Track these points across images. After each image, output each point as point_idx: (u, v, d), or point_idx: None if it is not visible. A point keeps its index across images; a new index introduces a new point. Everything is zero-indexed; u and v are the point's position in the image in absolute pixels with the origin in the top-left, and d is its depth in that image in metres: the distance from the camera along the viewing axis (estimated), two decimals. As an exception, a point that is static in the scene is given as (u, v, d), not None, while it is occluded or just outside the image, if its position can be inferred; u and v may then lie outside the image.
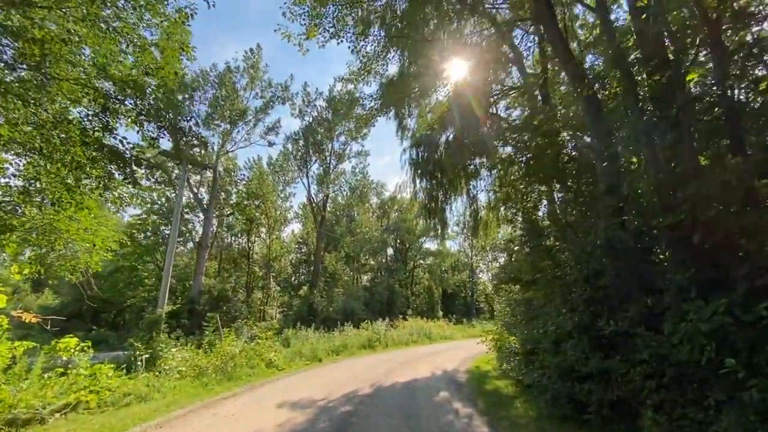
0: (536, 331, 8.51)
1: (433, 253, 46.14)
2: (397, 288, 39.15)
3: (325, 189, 31.74)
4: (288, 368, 12.39)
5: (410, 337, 22.50)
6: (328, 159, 32.29)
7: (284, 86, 27.29)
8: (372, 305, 35.22)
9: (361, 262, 42.38)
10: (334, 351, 16.53)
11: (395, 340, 20.82)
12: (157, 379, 9.33)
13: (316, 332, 20.52)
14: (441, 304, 44.38)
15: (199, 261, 25.12)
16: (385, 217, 41.69)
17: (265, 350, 12.62)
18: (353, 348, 17.44)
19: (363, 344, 18.23)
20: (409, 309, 39.11)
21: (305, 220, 37.94)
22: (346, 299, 34.64)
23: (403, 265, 43.40)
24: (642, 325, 5.58)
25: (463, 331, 31.32)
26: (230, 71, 26.03)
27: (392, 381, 10.60)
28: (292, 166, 32.28)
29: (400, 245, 44.04)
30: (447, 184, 18.01)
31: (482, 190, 18.30)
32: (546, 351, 7.51)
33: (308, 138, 30.23)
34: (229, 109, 26.30)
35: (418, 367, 13.17)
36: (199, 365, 10.87)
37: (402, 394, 8.98)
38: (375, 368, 12.73)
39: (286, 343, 18.49)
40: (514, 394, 8.72)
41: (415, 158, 18.59)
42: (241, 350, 11.76)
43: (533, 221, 11.44)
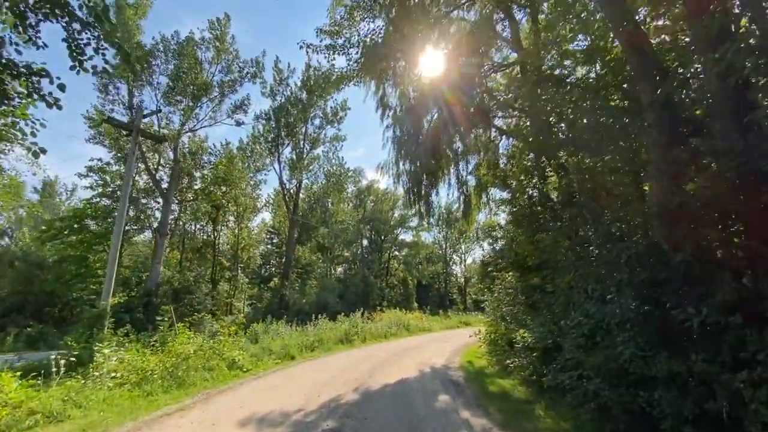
0: (554, 323, 6.99)
1: (408, 245, 44.75)
2: (373, 280, 37.44)
3: (299, 175, 29.45)
4: (255, 369, 10.39)
5: (389, 329, 20.85)
6: (302, 143, 29.97)
7: (255, 61, 24.73)
8: (347, 297, 33.37)
9: (335, 253, 40.34)
10: (308, 347, 14.60)
11: (373, 333, 19.11)
12: (83, 390, 7.14)
13: (288, 326, 18.52)
14: (416, 296, 43.08)
15: (157, 249, 22.40)
16: (362, 207, 39.78)
17: (227, 349, 10.54)
18: (329, 343, 15.56)
19: (340, 339, 16.39)
20: (385, 301, 37.52)
21: (277, 208, 35.43)
22: (319, 291, 32.60)
23: (378, 256, 41.73)
24: (737, 314, 4.07)
25: (440, 323, 30.06)
26: (193, 41, 23.25)
27: (380, 382, 8.84)
28: (263, 150, 29.70)
29: (375, 236, 42.31)
30: (434, 165, 16.36)
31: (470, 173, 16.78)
32: (578, 347, 5.96)
33: (280, 119, 27.80)
34: (191, 83, 23.53)
35: (404, 364, 11.49)
36: (143, 368, 8.69)
37: (395, 401, 7.24)
38: (357, 366, 10.94)
39: (254, 339, 16.43)
40: (529, 398, 7.16)
41: (399, 135, 16.83)
42: (197, 349, 9.64)
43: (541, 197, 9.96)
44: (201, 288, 25.02)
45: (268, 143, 28.82)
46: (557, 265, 7.56)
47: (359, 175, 39.08)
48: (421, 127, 16.83)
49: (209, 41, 23.97)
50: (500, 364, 10.19)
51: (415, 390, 8.16)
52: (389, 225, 42.03)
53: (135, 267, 27.25)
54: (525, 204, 10.31)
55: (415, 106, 16.94)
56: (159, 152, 24.13)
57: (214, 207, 30.07)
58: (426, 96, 16.80)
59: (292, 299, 28.93)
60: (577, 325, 6.00)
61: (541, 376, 6.94)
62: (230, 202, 30.40)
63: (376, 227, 41.08)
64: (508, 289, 10.98)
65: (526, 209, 10.17)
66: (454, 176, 16.62)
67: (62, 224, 24.63)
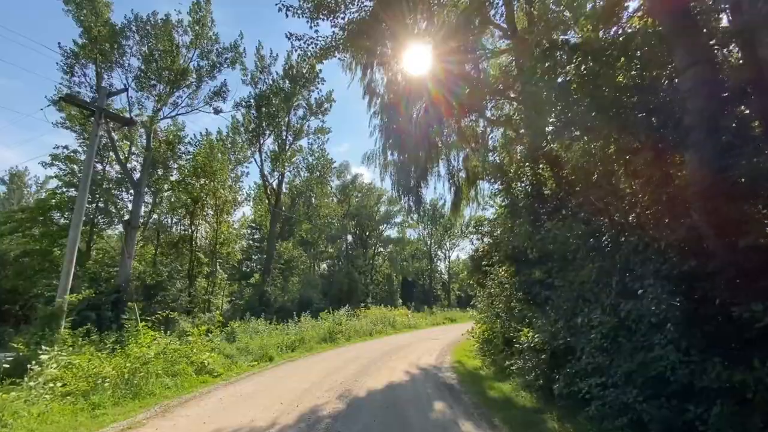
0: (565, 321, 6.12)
1: (393, 241, 43.85)
2: (357, 276, 36.39)
3: (281, 167, 28.08)
4: (227, 373, 9.24)
5: (374, 327, 19.89)
6: (284, 134, 28.60)
7: (233, 46, 23.22)
8: (331, 294, 32.25)
9: (319, 248, 39.07)
10: (288, 346, 13.49)
11: (358, 330, 18.10)
12: (12, 403, 5.90)
13: (268, 324, 17.36)
14: (401, 292, 42.30)
15: (128, 243, 20.80)
16: (346, 202, 38.61)
17: (196, 351, 9.35)
18: (312, 342, 14.48)
19: (323, 337, 15.32)
20: (369, 297, 36.59)
21: (258, 202, 33.93)
22: (302, 288, 31.38)
23: (363, 252, 40.69)
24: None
25: (425, 319, 29.29)
26: (169, 23, 21.64)
27: (366, 388, 7.84)
28: (243, 142, 28.22)
29: (360, 232, 41.26)
30: (423, 156, 15.42)
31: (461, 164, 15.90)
32: (598, 349, 5.09)
33: (261, 108, 26.37)
34: (167, 67, 21.94)
35: (393, 365, 10.52)
36: (96, 375, 7.46)
37: (385, 411, 6.25)
38: (341, 369, 9.91)
39: (230, 338, 15.23)
40: (536, 406, 6.28)
41: (387, 122, 15.83)
42: (159, 352, 8.43)
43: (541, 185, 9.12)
44: (176, 284, 23.50)
45: (248, 133, 27.35)
46: (568, 257, 6.70)
47: (344, 169, 37.95)
48: (411, 116, 15.87)
49: (188, 24, 22.40)
50: (496, 365, 9.33)
51: (407, 396, 7.19)
52: (374, 220, 41.04)
53: (104, 262, 25.47)
54: (523, 193, 9.45)
55: (403, 94, 15.93)
56: (131, 140, 22.44)
57: (192, 200, 28.49)
58: (415, 83, 15.81)
59: (274, 296, 27.64)
60: (598, 324, 5.12)
61: (551, 382, 6.07)
62: (209, 195, 28.85)
63: (361, 223, 40.03)
64: (504, 284, 10.13)
65: (526, 198, 9.32)
66: (444, 167, 15.75)
67: (24, 216, 22.70)
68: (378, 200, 41.25)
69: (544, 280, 8.06)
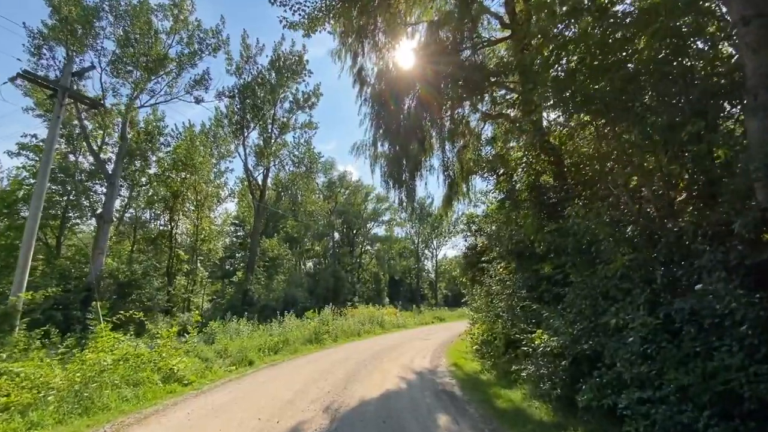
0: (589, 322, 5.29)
1: (381, 239, 42.90)
2: (344, 274, 35.31)
3: (266, 161, 26.81)
4: (200, 381, 8.14)
5: (362, 326, 18.91)
6: (270, 128, 27.35)
7: (215, 32, 21.86)
8: (317, 293, 31.10)
9: (305, 246, 37.84)
10: (271, 348, 12.41)
11: (346, 331, 17.09)
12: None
13: (250, 324, 16.23)
14: (388, 291, 41.40)
15: (100, 237, 19.34)
16: (333, 199, 37.47)
17: (165, 356, 8.21)
18: (296, 343, 13.41)
19: (308, 338, 14.25)
20: (356, 296, 35.56)
21: (242, 197, 32.51)
22: (287, 287, 30.17)
23: (350, 250, 39.63)
24: None
25: (414, 318, 28.41)
26: (147, 6, 20.22)
27: (358, 397, 6.88)
28: (227, 134, 26.84)
29: (347, 230, 40.19)
30: (416, 147, 14.52)
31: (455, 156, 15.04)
32: (634, 355, 4.25)
33: (245, 99, 25.07)
34: (144, 53, 20.50)
35: (385, 369, 9.57)
36: (43, 385, 6.30)
37: (381, 427, 5.30)
38: (328, 374, 8.92)
39: (209, 339, 14.08)
40: (554, 419, 5.42)
41: (377, 110, 14.88)
42: (120, 358, 7.28)
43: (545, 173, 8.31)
44: (152, 282, 22.04)
45: (232, 126, 26.00)
46: (587, 249, 5.87)
47: (331, 166, 36.82)
48: (402, 107, 14.95)
49: (167, 8, 20.99)
50: (498, 368, 8.49)
51: (404, 408, 6.25)
52: (362, 218, 40.03)
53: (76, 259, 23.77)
54: (526, 183, 8.63)
55: (395, 83, 14.98)
56: (105, 128, 20.87)
57: (172, 194, 26.98)
58: (408, 72, 14.90)
59: (257, 295, 26.41)
60: (639, 325, 4.27)
61: (573, 392, 5.23)
62: (189, 190, 27.38)
63: (348, 220, 38.97)
64: (505, 281, 9.30)
65: (529, 189, 8.50)
66: (438, 160, 14.86)
67: (-14, 209, 20.91)
68: (366, 198, 40.26)
69: (553, 276, 7.26)
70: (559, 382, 5.52)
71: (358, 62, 15.77)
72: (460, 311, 35.63)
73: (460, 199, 16.89)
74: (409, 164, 14.76)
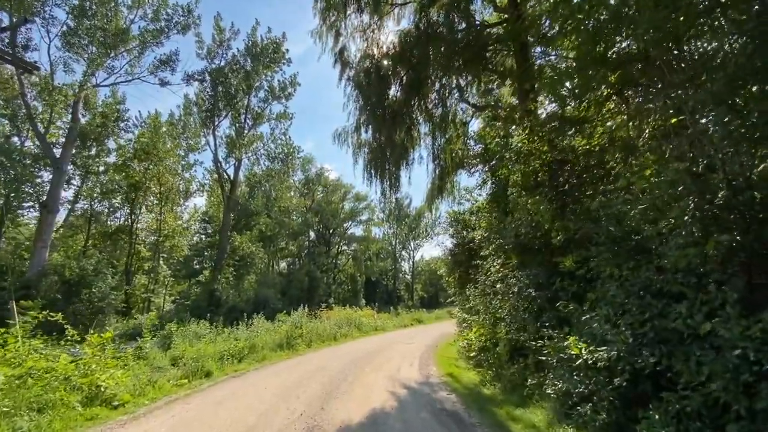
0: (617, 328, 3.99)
1: (358, 239, 41.21)
2: (319, 275, 33.44)
3: (238, 153, 24.70)
4: (137, 400, 6.32)
5: (338, 329, 17.22)
6: (243, 117, 25.28)
7: (185, 8, 19.77)
8: (290, 294, 29.11)
9: (279, 245, 35.67)
10: (235, 355, 10.59)
11: (321, 334, 15.36)
12: None
13: (214, 327, 14.30)
14: (364, 292, 39.76)
15: (44, 229, 16.83)
16: (310, 196, 35.55)
17: (93, 370, 6.32)
18: (265, 350, 11.62)
19: (279, 343, 12.47)
20: (332, 297, 33.77)
21: (212, 192, 30.10)
22: (259, 287, 28.01)
23: (326, 250, 37.72)
24: None
25: (392, 320, 26.88)
26: (105, -27, 17.95)
27: (338, 421, 5.31)
28: (196, 123, 24.58)
29: (323, 229, 38.27)
30: (403, 135, 13.11)
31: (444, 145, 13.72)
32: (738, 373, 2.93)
33: (217, 85, 22.97)
34: (102, 27, 18.16)
35: (368, 380, 8.02)
36: None
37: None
38: (301, 388, 7.28)
39: (165, 344, 12.11)
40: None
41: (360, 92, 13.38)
42: (22, 374, 5.39)
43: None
44: (106, 280, 19.51)
45: (202, 113, 23.77)
46: (634, 235, 4.59)
47: (309, 162, 34.91)
48: (388, 91, 13.53)
49: (130, -20, 18.78)
50: (503, 380, 7.11)
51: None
52: (339, 218, 38.26)
53: (17, 253, 20.89)
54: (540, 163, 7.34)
55: (381, 66, 13.54)
56: (52, 106, 18.30)
57: (132, 186, 24.40)
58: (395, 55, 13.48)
59: (225, 295, 24.16)
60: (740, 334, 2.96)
61: (629, 419, 3.89)
62: (152, 181, 24.88)
63: (325, 219, 37.10)
64: (508, 279, 7.98)
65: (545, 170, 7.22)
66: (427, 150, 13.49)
67: None
68: (344, 197, 38.54)
69: (573, 272, 5.96)
70: (606, 405, 4.16)
71: (340, 42, 14.28)
72: (437, 313, 34.48)
73: (445, 196, 15.68)
74: (394, 153, 13.32)
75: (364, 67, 13.62)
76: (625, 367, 3.92)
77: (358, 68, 13.90)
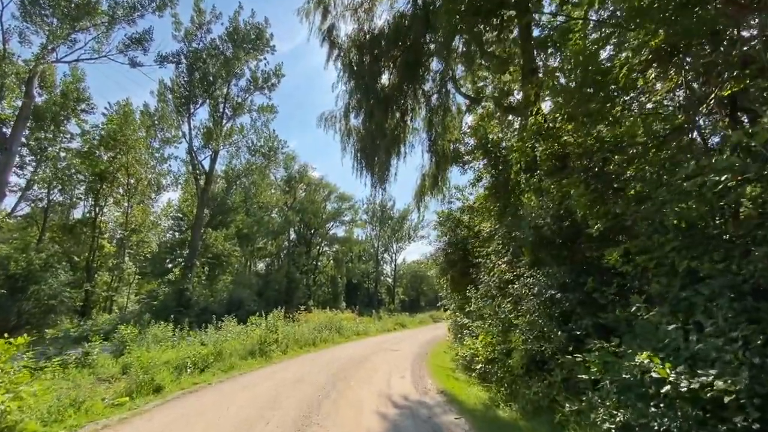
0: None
1: (340, 240, 39.50)
2: (299, 276, 31.57)
3: (215, 144, 22.78)
4: (56, 429, 4.65)
5: (318, 334, 15.57)
6: (222, 107, 23.42)
7: (163, -17, 17.93)
8: (266, 295, 27.17)
9: (257, 244, 33.60)
10: (198, 364, 8.90)
11: (298, 340, 13.71)
12: None
13: (179, 330, 12.58)
14: (345, 295, 38.04)
15: (-16, 217, 14.53)
16: (291, 194, 33.71)
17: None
18: (233, 357, 9.92)
19: (251, 350, 10.77)
20: (311, 300, 31.89)
21: (186, 186, 27.90)
22: (234, 288, 25.97)
23: (306, 250, 35.85)
24: None
25: (374, 324, 25.27)
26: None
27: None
28: (170, 110, 22.55)
29: (304, 229, 36.39)
30: (396, 119, 11.79)
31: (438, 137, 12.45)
32: None
33: (194, 70, 21.09)
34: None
35: (354, 397, 6.54)
36: None
37: None
38: (272, 410, 5.73)
39: (118, 350, 10.33)
40: None
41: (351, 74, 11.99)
42: None
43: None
44: (58, 276, 17.25)
45: (177, 99, 21.79)
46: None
47: (292, 159, 33.10)
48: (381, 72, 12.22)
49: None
50: (519, 399, 5.78)
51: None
52: (321, 218, 36.49)
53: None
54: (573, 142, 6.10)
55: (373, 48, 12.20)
56: (2, 78, 16.04)
57: (98, 175, 22.12)
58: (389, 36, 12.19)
59: (196, 295, 22.09)
60: None
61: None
62: (120, 171, 22.65)
63: (306, 219, 35.26)
64: (526, 278, 6.69)
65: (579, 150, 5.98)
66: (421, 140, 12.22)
67: None
68: (327, 196, 36.85)
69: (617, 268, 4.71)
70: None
71: (328, 19, 12.91)
72: (420, 317, 33.14)
73: (436, 193, 14.47)
74: (385, 141, 11.95)
75: (357, 43, 12.25)
76: (753, 401, 2.63)
77: (348, 47, 12.53)
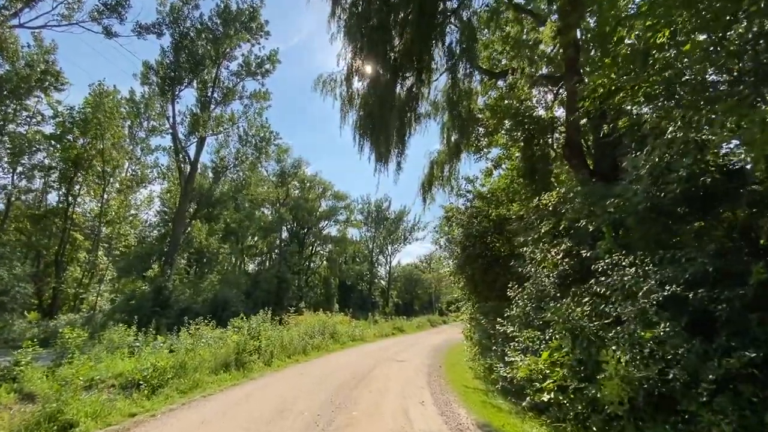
0: None
1: (334, 240, 36.96)
2: (290, 276, 28.99)
3: (202, 130, 20.30)
4: None
5: (310, 340, 13.11)
6: (210, 91, 20.98)
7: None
8: (256, 295, 24.53)
9: (247, 242, 30.96)
10: (149, 381, 6.44)
11: (286, 346, 11.23)
12: None
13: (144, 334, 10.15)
14: (338, 297, 35.46)
15: None
16: (284, 189, 31.19)
17: None
18: (200, 371, 7.47)
19: (225, 361, 8.31)
20: (303, 301, 29.27)
21: (171, 177, 25.24)
22: (221, 287, 23.30)
23: (299, 249, 33.28)
24: None
25: (371, 329, 22.80)
26: None
27: None
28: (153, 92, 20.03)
29: (297, 227, 33.84)
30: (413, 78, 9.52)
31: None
32: None
33: (180, 49, 18.66)
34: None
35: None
36: None
37: None
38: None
39: (60, 358, 7.81)
40: None
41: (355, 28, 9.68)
42: None
43: None
44: (12, 270, 14.57)
45: (161, 79, 19.29)
46: None
47: (285, 152, 30.64)
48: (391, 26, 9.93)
49: None
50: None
51: None
52: (315, 216, 34.00)
53: None
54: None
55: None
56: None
57: (70, 162, 19.44)
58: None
59: (176, 294, 19.43)
60: None
61: None
62: (95, 158, 19.99)
63: (300, 217, 32.75)
64: (622, 269, 4.43)
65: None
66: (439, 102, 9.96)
67: None
68: (322, 194, 34.41)
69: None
70: None
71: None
72: (418, 321, 30.75)
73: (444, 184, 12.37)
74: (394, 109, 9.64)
75: (361, 4, 9.94)
76: None
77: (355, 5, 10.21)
